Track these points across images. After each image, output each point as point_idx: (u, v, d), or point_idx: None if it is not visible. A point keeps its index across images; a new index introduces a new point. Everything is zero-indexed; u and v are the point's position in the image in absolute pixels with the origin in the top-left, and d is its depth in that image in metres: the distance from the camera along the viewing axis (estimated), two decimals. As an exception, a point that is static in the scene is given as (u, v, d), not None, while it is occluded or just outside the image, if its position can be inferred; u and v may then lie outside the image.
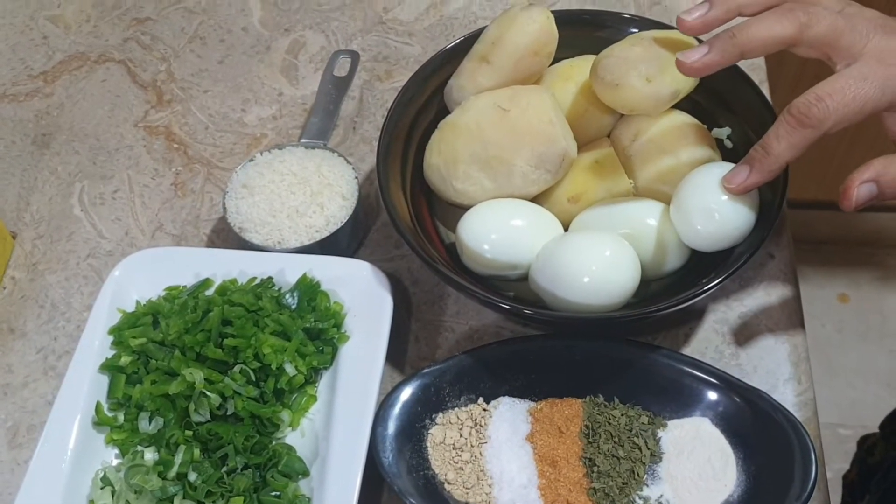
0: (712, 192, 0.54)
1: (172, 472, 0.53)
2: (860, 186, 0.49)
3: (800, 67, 1.33)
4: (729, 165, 0.57)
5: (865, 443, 0.95)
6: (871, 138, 1.56)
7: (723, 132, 0.64)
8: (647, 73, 0.57)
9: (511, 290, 0.61)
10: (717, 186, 0.54)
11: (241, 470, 0.53)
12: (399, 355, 0.61)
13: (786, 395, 0.58)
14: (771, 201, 0.57)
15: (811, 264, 1.92)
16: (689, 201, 0.55)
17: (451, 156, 0.60)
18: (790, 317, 0.61)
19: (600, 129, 0.64)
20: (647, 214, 0.58)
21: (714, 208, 0.54)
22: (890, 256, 1.91)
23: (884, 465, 0.88)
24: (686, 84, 0.61)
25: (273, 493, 0.53)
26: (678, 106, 0.63)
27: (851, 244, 1.93)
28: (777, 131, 0.51)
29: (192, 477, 0.52)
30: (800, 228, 1.86)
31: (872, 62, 0.50)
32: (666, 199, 0.59)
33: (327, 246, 0.62)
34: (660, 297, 0.58)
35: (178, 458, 0.53)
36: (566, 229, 0.60)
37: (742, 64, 0.61)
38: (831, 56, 0.52)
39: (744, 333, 0.61)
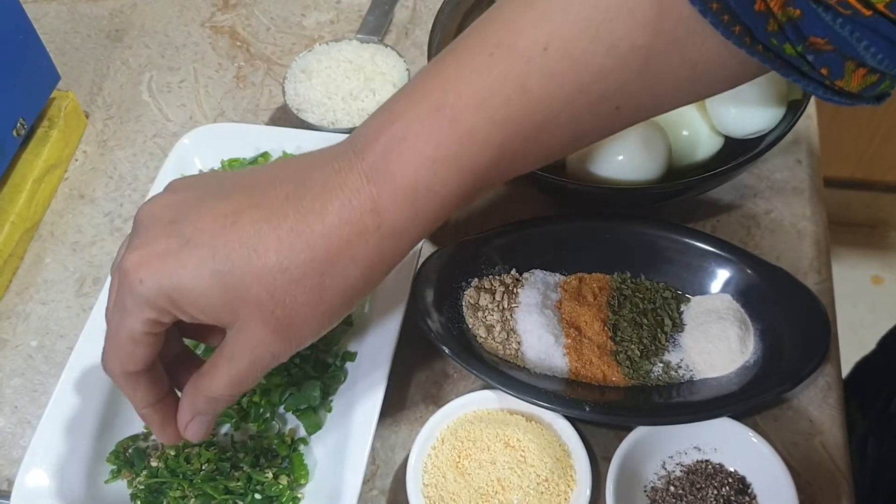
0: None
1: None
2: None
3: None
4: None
5: None
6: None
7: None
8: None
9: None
10: (750, 73, 0.58)
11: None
12: (440, 232, 0.65)
13: (806, 284, 0.60)
14: (800, 100, 0.60)
15: (846, 245, 1.92)
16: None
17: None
18: (814, 215, 0.64)
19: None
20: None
21: (746, 92, 0.57)
22: (926, 239, 1.90)
23: (854, 436, 0.90)
24: None
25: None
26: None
27: (887, 227, 1.93)
28: None
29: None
30: (835, 209, 1.86)
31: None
32: (700, 96, 0.62)
33: (378, 128, 0.66)
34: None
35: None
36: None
37: None
38: None
39: (768, 227, 0.63)
